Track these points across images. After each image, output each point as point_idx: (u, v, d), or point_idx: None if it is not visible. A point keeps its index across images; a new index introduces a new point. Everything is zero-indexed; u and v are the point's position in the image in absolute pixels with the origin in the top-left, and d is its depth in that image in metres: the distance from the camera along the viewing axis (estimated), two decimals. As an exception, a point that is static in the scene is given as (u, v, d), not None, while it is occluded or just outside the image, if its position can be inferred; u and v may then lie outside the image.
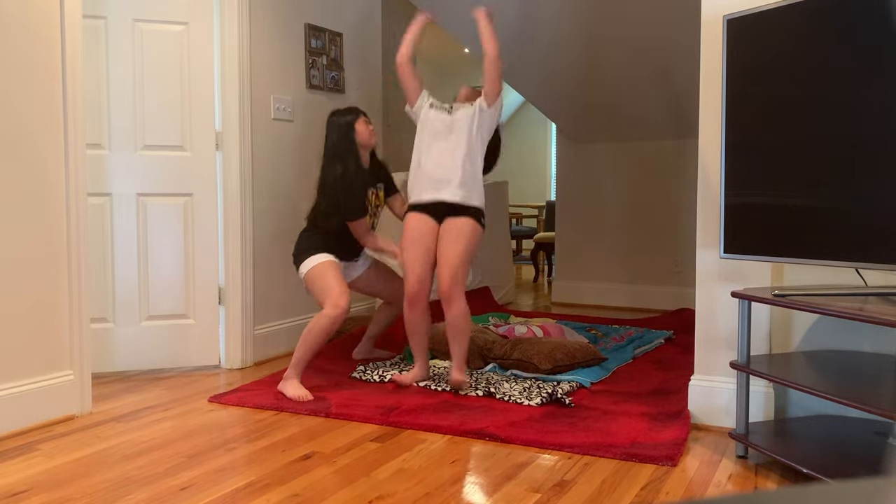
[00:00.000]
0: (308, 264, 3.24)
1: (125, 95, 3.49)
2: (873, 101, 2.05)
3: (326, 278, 3.18)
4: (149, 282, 3.55)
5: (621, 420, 2.71)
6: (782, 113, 2.27)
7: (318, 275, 3.20)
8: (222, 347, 3.70)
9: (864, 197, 2.07)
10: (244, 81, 3.66)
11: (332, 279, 3.18)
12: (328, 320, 3.10)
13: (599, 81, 5.03)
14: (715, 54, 2.64)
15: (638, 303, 5.55)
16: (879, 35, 2.02)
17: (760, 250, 2.34)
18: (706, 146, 2.69)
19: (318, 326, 3.11)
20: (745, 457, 2.39)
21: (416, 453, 2.44)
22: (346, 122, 3.30)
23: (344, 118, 3.32)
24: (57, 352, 2.83)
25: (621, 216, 5.60)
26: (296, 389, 3.06)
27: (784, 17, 2.25)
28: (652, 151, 5.48)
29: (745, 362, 2.36)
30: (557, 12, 4.49)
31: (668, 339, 4.17)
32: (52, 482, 2.21)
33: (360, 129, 3.30)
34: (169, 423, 2.79)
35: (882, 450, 2.20)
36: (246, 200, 3.70)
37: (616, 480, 2.20)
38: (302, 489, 2.14)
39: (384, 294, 3.64)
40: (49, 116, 2.78)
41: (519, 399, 2.95)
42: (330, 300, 3.12)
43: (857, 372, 2.27)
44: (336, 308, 3.10)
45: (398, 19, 6.14)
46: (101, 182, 3.46)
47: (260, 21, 3.79)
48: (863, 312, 1.94)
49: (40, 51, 2.75)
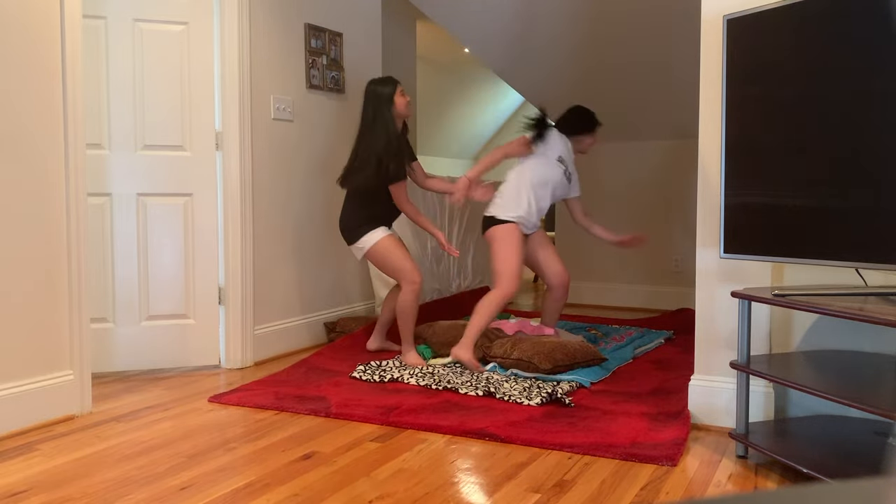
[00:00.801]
0: (369, 240, 3.58)
1: (125, 95, 3.49)
2: (873, 100, 2.04)
3: (395, 254, 3.58)
4: (149, 282, 3.55)
5: (621, 420, 2.71)
6: (782, 113, 2.27)
7: (385, 251, 3.58)
8: (222, 347, 3.70)
9: (864, 197, 2.07)
10: (244, 81, 3.66)
11: (401, 255, 3.58)
12: (413, 294, 3.56)
13: (599, 81, 5.03)
14: (715, 54, 2.64)
15: (638, 303, 5.55)
16: (879, 35, 2.02)
17: (760, 250, 2.34)
18: (706, 146, 2.69)
19: (407, 303, 3.57)
20: (745, 457, 2.39)
21: (416, 453, 2.44)
22: (386, 93, 3.54)
23: (384, 89, 3.55)
24: (57, 352, 2.83)
25: (621, 216, 5.60)
26: (415, 359, 3.57)
27: (784, 17, 2.25)
28: (652, 151, 5.48)
29: (745, 362, 2.36)
30: (557, 12, 4.49)
31: (668, 339, 4.18)
32: (52, 482, 2.21)
33: (398, 101, 3.55)
34: (169, 423, 2.79)
35: (882, 450, 2.20)
36: (246, 200, 3.70)
37: (616, 480, 2.20)
38: (302, 489, 2.14)
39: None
40: (49, 116, 2.78)
41: (519, 399, 2.95)
42: (407, 277, 3.55)
43: (857, 372, 2.27)
44: (414, 283, 3.55)
45: (398, 19, 6.14)
46: (101, 182, 3.46)
47: (260, 21, 3.79)
48: (863, 312, 1.94)
49: (40, 51, 2.75)
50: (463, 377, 3.26)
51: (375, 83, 3.57)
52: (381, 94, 3.52)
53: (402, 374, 3.32)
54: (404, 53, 6.36)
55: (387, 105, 3.51)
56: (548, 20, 4.57)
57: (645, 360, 3.72)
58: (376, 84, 3.56)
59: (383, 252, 3.57)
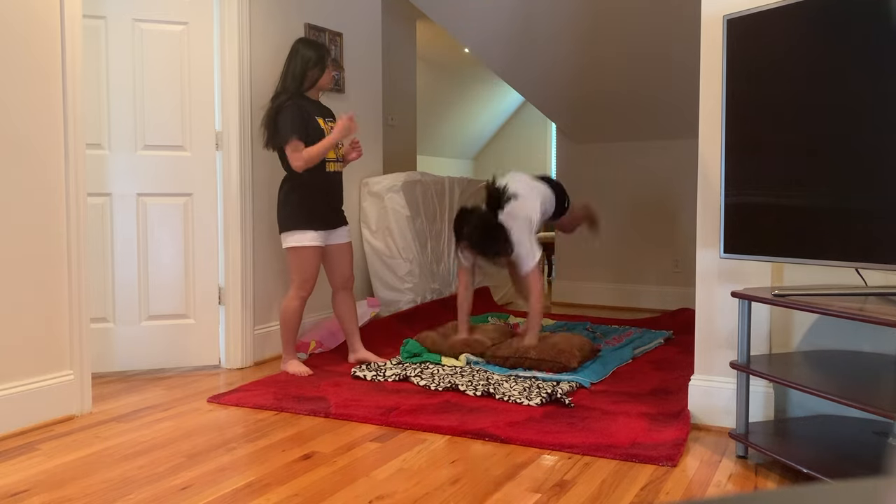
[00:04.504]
0: (292, 241, 3.40)
1: (125, 95, 3.49)
2: (873, 100, 2.04)
3: (306, 267, 3.42)
4: (149, 282, 3.55)
5: (621, 420, 2.71)
6: (782, 113, 2.27)
7: (301, 260, 3.41)
8: (222, 347, 3.70)
9: (865, 197, 2.07)
10: (244, 81, 3.66)
11: (311, 269, 3.43)
12: (299, 301, 3.45)
13: (599, 81, 5.03)
14: (715, 54, 2.64)
15: (638, 303, 5.55)
16: (880, 35, 2.02)
17: (760, 250, 2.34)
18: (706, 146, 2.69)
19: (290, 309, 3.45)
20: (745, 457, 2.39)
21: (416, 453, 2.44)
22: (312, 57, 3.41)
23: (312, 52, 3.42)
24: (57, 352, 2.83)
25: (621, 216, 5.60)
26: (296, 367, 3.46)
27: (784, 17, 2.25)
28: (652, 151, 5.48)
29: (745, 362, 2.36)
30: (557, 11, 4.49)
31: (667, 339, 4.18)
32: (52, 482, 2.21)
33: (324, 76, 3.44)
34: (169, 423, 2.79)
35: (882, 450, 2.20)
36: (246, 200, 3.69)
37: (616, 480, 2.20)
38: (302, 489, 2.14)
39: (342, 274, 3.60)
40: (49, 116, 2.78)
41: (519, 399, 2.95)
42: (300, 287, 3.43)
43: (857, 372, 2.27)
44: (302, 298, 3.45)
45: (398, 19, 6.14)
46: (101, 182, 3.46)
47: (260, 21, 3.79)
48: (863, 312, 1.94)
49: (40, 51, 2.75)
50: (464, 377, 3.26)
51: (304, 43, 3.46)
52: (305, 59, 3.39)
53: (407, 373, 3.32)
54: (404, 53, 6.36)
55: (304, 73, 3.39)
56: (547, 21, 4.57)
57: (645, 360, 3.72)
58: (304, 45, 3.45)
59: (299, 260, 3.40)
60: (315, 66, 3.42)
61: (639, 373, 3.46)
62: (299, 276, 3.42)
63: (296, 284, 3.43)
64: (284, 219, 3.43)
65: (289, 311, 3.45)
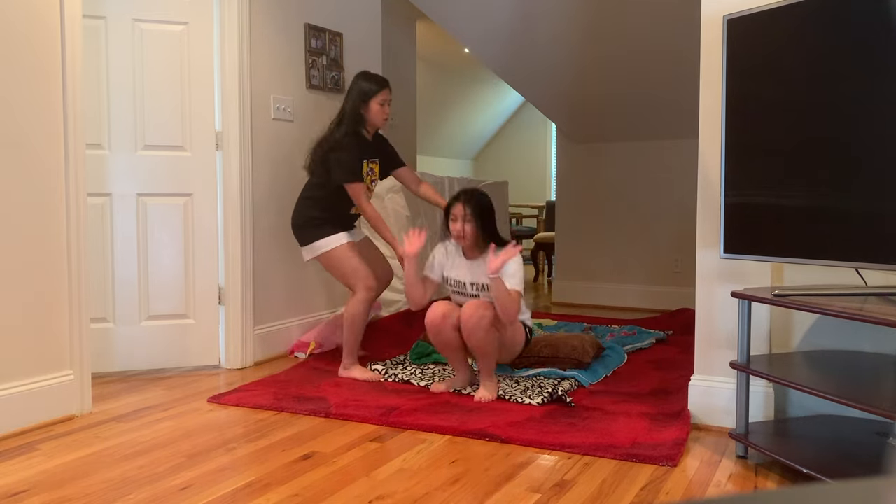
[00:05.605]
0: (325, 245, 3.42)
1: (125, 95, 3.49)
2: (873, 100, 2.04)
3: (351, 261, 3.40)
4: (149, 282, 3.55)
5: (621, 420, 2.71)
6: (782, 113, 2.27)
7: (342, 257, 3.41)
8: (222, 347, 3.70)
9: (865, 197, 2.07)
10: (244, 81, 3.66)
11: (356, 260, 3.40)
12: (365, 304, 3.38)
13: (599, 81, 5.03)
14: (715, 54, 2.64)
15: (638, 303, 5.55)
16: (880, 35, 2.02)
17: (760, 250, 2.34)
18: (706, 146, 2.69)
19: (357, 313, 3.37)
20: (745, 457, 2.39)
21: (416, 453, 2.44)
22: (366, 90, 3.39)
23: (367, 85, 3.41)
24: (57, 352, 2.83)
25: (621, 216, 5.60)
26: (363, 373, 3.36)
27: (784, 17, 2.25)
28: (652, 151, 5.48)
29: (745, 362, 2.36)
30: (557, 11, 4.49)
31: (659, 339, 4.15)
32: (52, 482, 2.21)
33: (373, 108, 3.41)
34: (169, 423, 2.79)
35: (882, 450, 2.20)
36: (246, 200, 3.69)
37: (616, 480, 2.20)
38: (302, 489, 2.14)
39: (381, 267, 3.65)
40: (49, 116, 2.78)
41: (519, 399, 2.95)
42: (361, 283, 3.38)
43: (857, 372, 2.27)
44: (369, 290, 3.39)
45: (398, 19, 6.14)
46: (101, 182, 3.46)
47: (260, 21, 3.79)
48: (863, 312, 1.94)
49: (40, 51, 2.75)
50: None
51: (363, 77, 3.44)
52: (361, 92, 3.39)
53: (410, 374, 3.32)
54: (404, 53, 6.36)
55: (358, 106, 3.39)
56: (547, 21, 4.57)
57: (645, 360, 3.71)
58: (363, 79, 3.43)
59: (338, 257, 3.41)
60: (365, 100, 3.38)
61: (639, 373, 3.46)
62: (354, 273, 3.39)
63: (360, 284, 3.38)
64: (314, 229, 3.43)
65: (357, 315, 3.39)
